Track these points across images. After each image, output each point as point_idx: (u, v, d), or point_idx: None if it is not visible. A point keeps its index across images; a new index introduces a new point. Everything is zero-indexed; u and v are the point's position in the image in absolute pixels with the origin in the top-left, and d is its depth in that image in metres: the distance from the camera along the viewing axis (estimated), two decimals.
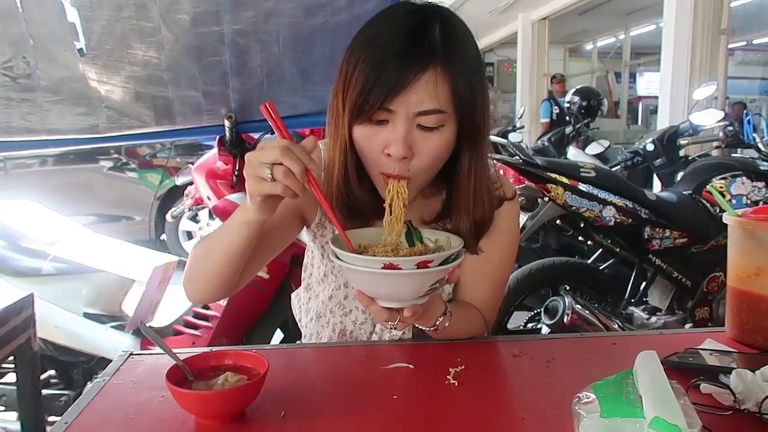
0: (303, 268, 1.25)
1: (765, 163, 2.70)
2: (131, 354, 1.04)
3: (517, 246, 1.18)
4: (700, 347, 1.01)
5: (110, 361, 1.02)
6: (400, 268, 0.78)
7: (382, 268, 0.78)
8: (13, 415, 2.09)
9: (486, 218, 1.05)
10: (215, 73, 1.66)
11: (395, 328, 0.89)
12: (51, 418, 2.03)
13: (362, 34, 0.94)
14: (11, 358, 1.37)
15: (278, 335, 2.42)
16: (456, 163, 1.00)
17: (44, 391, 2.13)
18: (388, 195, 0.93)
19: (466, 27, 0.96)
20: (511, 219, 1.12)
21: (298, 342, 1.28)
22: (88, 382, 2.22)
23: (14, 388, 1.46)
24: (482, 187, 1.02)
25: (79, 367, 2.25)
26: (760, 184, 2.56)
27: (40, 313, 1.53)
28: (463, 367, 0.95)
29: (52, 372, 2.28)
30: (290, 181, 0.79)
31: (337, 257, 0.84)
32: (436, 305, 0.97)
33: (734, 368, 0.85)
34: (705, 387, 0.85)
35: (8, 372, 2.11)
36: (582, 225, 2.53)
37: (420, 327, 1.00)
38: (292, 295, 1.29)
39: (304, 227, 1.16)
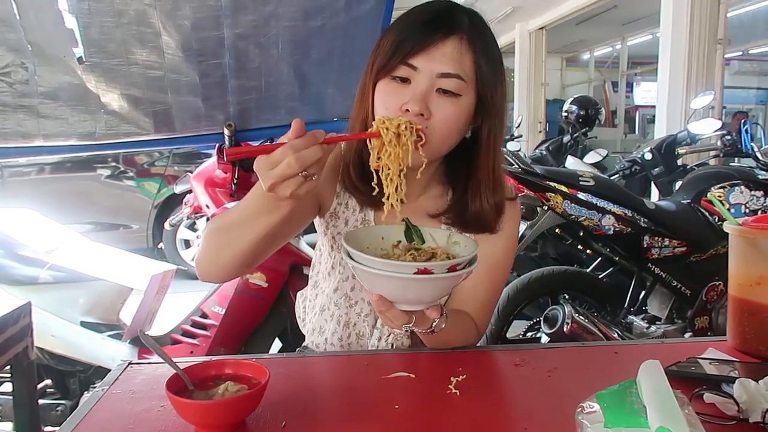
0: (311, 267, 1.25)
1: (763, 172, 2.71)
2: (130, 363, 1.03)
3: (514, 251, 1.18)
4: (701, 356, 1.01)
5: (107, 370, 1.01)
6: (433, 273, 0.78)
7: (415, 273, 0.78)
8: (9, 426, 2.07)
9: (501, 203, 1.09)
10: (215, 78, 1.67)
11: (408, 331, 0.90)
12: (47, 429, 2.02)
13: (399, 17, 1.02)
14: (7, 367, 1.36)
15: (276, 344, 2.41)
16: (466, 155, 1.05)
17: (41, 401, 2.11)
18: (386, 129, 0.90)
19: (491, 30, 1.03)
20: (512, 220, 1.13)
21: (298, 350, 1.27)
22: (85, 392, 2.20)
23: (10, 398, 1.45)
24: (499, 169, 1.07)
25: (75, 377, 2.23)
26: (759, 193, 2.57)
27: (37, 321, 1.51)
28: (464, 376, 0.94)
29: (48, 381, 2.26)
30: (317, 168, 0.79)
31: (359, 262, 0.81)
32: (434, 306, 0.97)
33: (737, 378, 0.85)
34: (708, 397, 0.84)
35: (4, 381, 2.10)
36: (581, 234, 2.53)
37: (415, 329, 0.99)
38: (298, 294, 1.29)
39: (317, 217, 1.16)
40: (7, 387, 2.04)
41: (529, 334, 2.75)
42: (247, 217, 0.90)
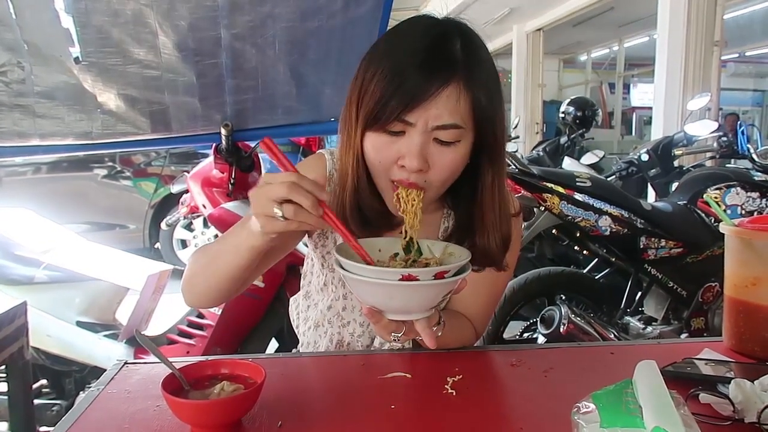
0: (302, 275, 1.24)
1: (759, 173, 2.72)
2: (126, 363, 1.02)
3: (515, 261, 1.16)
4: (697, 357, 1.01)
5: (103, 370, 1.01)
6: (418, 279, 0.77)
7: (400, 279, 0.77)
8: (4, 426, 2.06)
9: (508, 237, 1.03)
10: (212, 78, 1.66)
11: (398, 340, 0.88)
12: (42, 429, 2.01)
13: (381, 43, 0.94)
14: (3, 367, 1.35)
15: (273, 344, 2.41)
16: (467, 183, 1.00)
17: (36, 401, 2.11)
18: (401, 203, 0.92)
19: (483, 42, 0.95)
20: (515, 232, 1.11)
21: (294, 350, 1.27)
22: (81, 392, 2.20)
23: (5, 398, 1.45)
24: (505, 202, 1.01)
25: (71, 377, 2.23)
26: (755, 195, 2.57)
27: (33, 321, 1.51)
28: (460, 376, 0.94)
29: (44, 381, 2.26)
30: (303, 216, 0.77)
31: (346, 269, 0.81)
32: (432, 314, 0.97)
33: (733, 378, 0.85)
34: (704, 397, 0.84)
35: None
36: (578, 234, 2.53)
37: (408, 338, 0.99)
38: (291, 300, 1.28)
39: (306, 235, 1.15)
40: (3, 387, 2.04)
41: (525, 335, 2.75)
42: (229, 248, 0.91)
